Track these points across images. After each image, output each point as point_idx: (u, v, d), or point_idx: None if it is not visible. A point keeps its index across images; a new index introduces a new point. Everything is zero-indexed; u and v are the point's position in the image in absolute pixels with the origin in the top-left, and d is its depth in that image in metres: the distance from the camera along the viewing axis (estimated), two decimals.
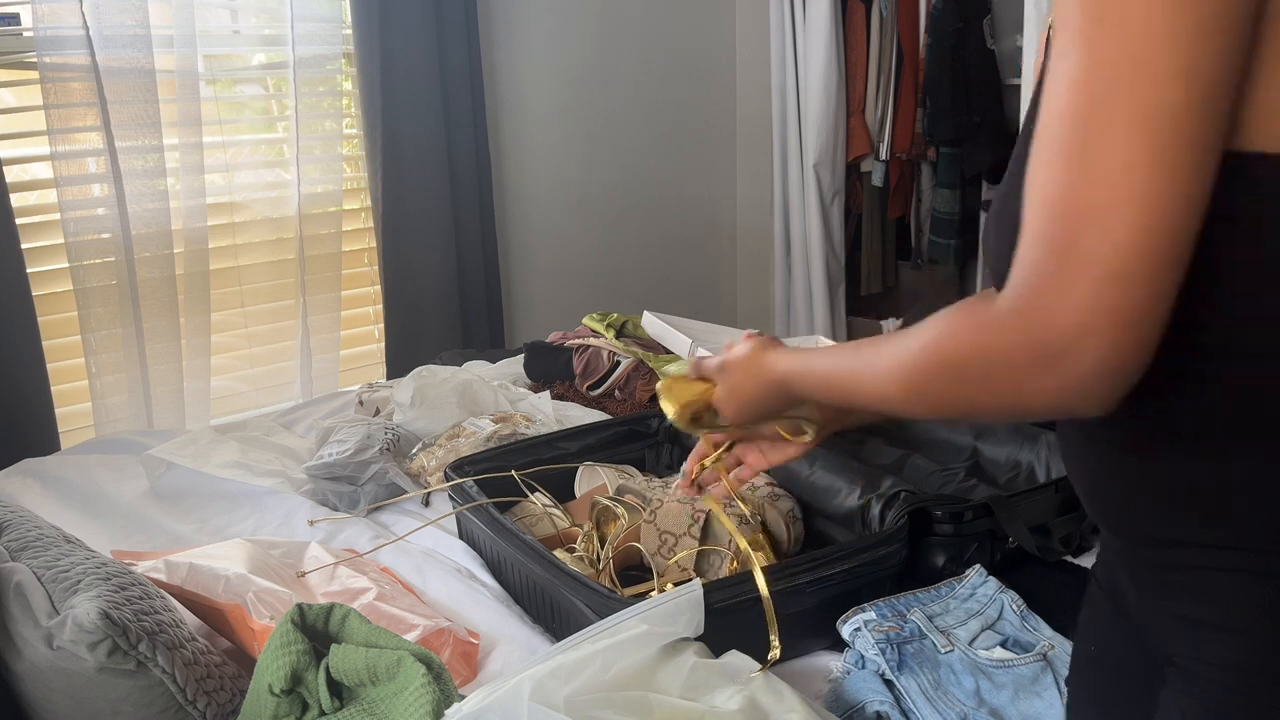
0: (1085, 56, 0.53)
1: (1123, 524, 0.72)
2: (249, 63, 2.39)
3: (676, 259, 3.09)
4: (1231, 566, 0.66)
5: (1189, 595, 0.69)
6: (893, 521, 1.18)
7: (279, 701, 0.92)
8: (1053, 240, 0.54)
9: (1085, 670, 0.86)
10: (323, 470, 1.52)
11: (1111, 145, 0.52)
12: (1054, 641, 1.07)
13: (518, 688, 0.84)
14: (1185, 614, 0.69)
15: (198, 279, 2.24)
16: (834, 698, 1.03)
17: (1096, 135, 0.53)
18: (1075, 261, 0.53)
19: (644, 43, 2.91)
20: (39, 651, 0.93)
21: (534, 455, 1.44)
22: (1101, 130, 0.52)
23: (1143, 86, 0.52)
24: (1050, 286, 0.54)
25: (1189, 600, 0.69)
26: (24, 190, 2.10)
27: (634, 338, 1.98)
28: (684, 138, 3.03)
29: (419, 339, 2.54)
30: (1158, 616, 0.72)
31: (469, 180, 2.57)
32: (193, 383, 2.28)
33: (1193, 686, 0.69)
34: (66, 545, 1.07)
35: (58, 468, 1.67)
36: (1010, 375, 0.57)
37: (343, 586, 1.19)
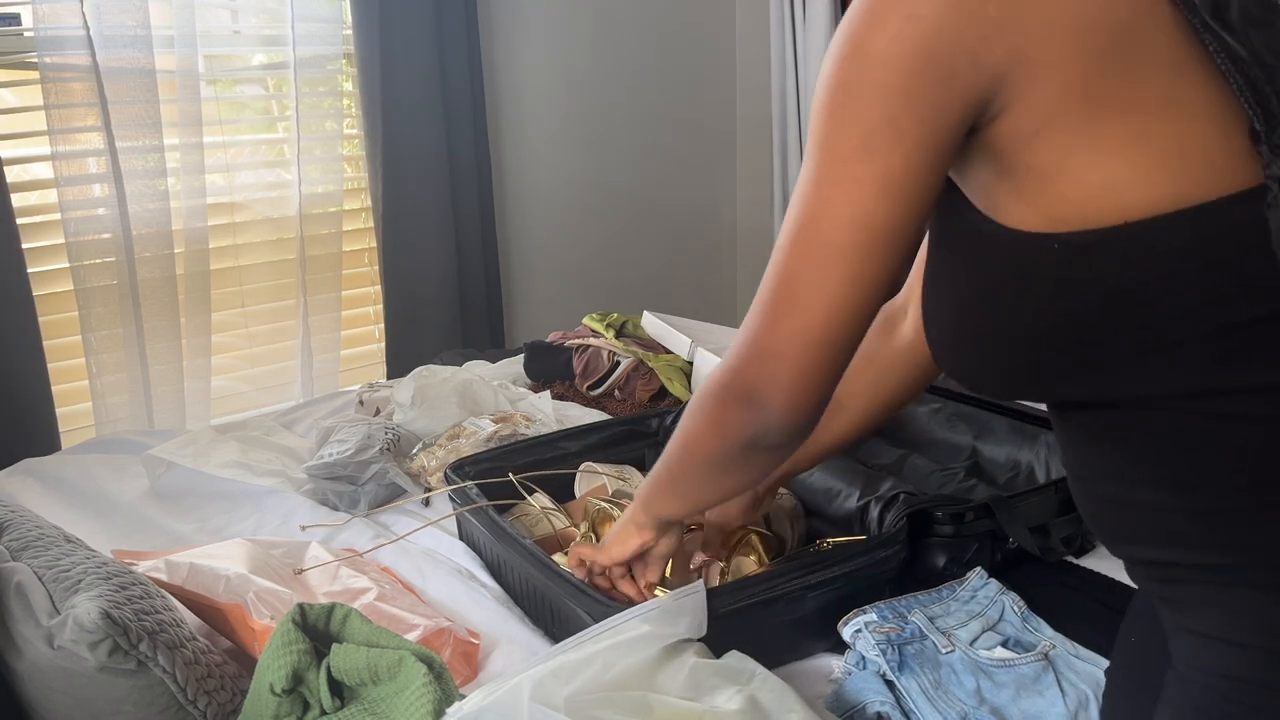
0: (803, 179, 0.68)
1: (1120, 549, 0.76)
2: (249, 63, 2.39)
3: (676, 259, 3.09)
4: (1224, 582, 0.69)
5: (1187, 608, 0.72)
6: (892, 523, 1.18)
7: (280, 701, 0.92)
8: (751, 322, 0.74)
9: (1118, 655, 0.93)
10: (323, 470, 1.52)
11: (796, 263, 0.69)
12: (1055, 642, 1.07)
13: (518, 688, 0.84)
14: (1183, 623, 0.72)
15: (198, 279, 2.24)
16: (835, 698, 1.03)
17: (787, 250, 0.70)
18: (764, 340, 0.73)
19: (644, 42, 2.91)
20: (40, 651, 0.93)
21: (534, 455, 1.44)
22: (790, 249, 0.69)
23: (827, 228, 0.67)
24: (749, 355, 0.74)
25: (1187, 612, 0.72)
26: (24, 190, 2.10)
27: (634, 338, 1.98)
28: (684, 138, 3.03)
29: (419, 339, 2.54)
30: (1164, 620, 0.74)
31: (469, 180, 2.57)
32: (193, 383, 2.28)
33: (1189, 692, 0.71)
34: (67, 545, 1.07)
35: (58, 468, 1.67)
36: (716, 414, 0.80)
37: (343, 586, 1.19)
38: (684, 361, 1.89)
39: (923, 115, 0.64)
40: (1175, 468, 0.69)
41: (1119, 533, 0.75)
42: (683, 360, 1.89)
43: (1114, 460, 0.72)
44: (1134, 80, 0.63)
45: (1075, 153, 0.63)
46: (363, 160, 2.47)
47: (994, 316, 0.69)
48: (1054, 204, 0.64)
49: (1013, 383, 0.74)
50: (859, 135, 0.65)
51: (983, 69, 0.63)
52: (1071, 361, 0.68)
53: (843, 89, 0.65)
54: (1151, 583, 0.75)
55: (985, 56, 0.62)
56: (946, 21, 0.62)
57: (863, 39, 0.64)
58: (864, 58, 0.64)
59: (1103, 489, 0.74)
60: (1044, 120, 0.63)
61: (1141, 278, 0.63)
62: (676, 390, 1.83)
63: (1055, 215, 0.64)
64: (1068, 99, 0.63)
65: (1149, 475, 0.70)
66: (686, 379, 1.86)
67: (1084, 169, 0.63)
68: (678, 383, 1.85)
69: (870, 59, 0.64)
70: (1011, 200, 0.66)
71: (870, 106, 0.64)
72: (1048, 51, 0.62)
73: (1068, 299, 0.65)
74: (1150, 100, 0.63)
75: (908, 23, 0.63)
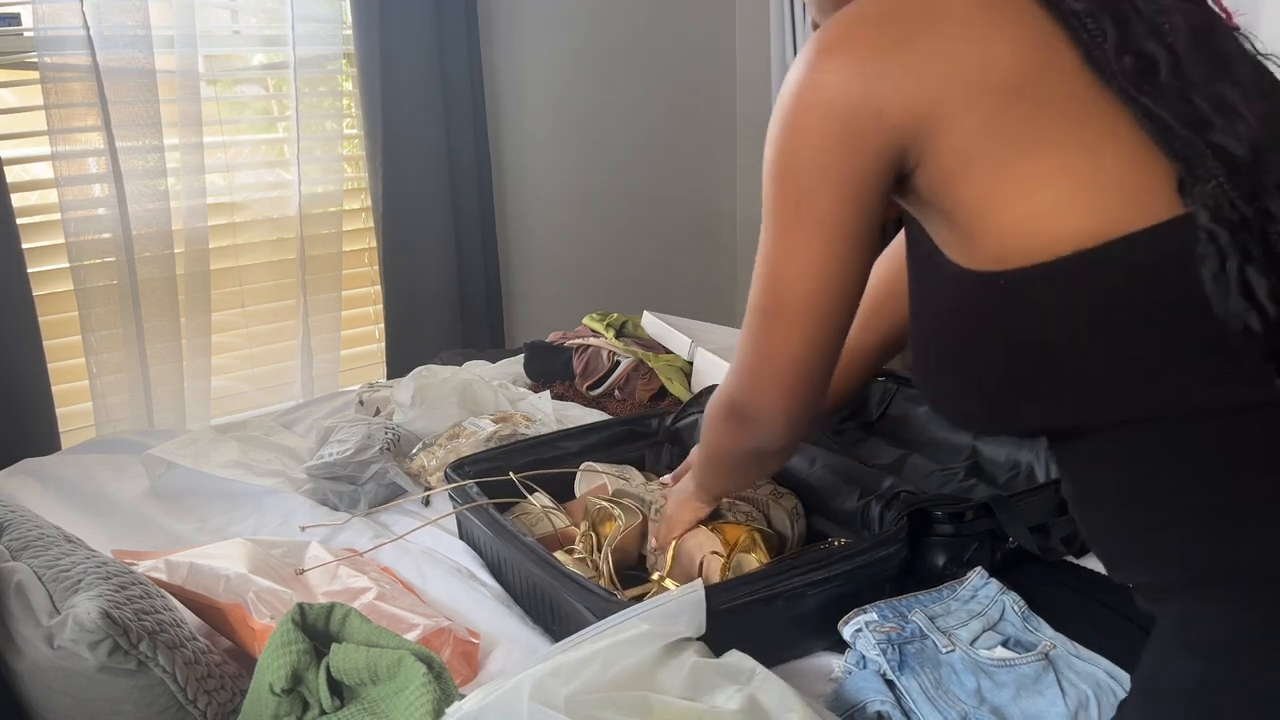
0: (760, 243, 0.77)
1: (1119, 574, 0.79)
2: (249, 63, 2.39)
3: (676, 259, 3.09)
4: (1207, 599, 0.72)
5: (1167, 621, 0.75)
6: (892, 522, 1.18)
7: (280, 701, 0.92)
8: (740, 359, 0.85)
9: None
10: (323, 470, 1.52)
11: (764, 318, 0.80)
12: (1055, 641, 1.07)
13: (518, 687, 0.84)
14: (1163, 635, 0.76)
15: (198, 279, 2.24)
16: (835, 698, 1.03)
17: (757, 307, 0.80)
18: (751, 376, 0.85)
19: (644, 42, 2.91)
20: (40, 651, 0.93)
21: (534, 455, 1.44)
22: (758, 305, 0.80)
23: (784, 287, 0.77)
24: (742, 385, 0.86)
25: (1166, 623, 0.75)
26: (24, 190, 2.10)
27: (634, 338, 1.98)
28: (684, 137, 3.03)
29: (419, 339, 2.54)
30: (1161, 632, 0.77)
31: (469, 180, 2.57)
32: (193, 383, 2.28)
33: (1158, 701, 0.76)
34: (67, 545, 1.07)
35: (58, 468, 1.67)
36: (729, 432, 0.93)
37: (343, 586, 1.19)
38: (684, 361, 1.89)
39: (843, 175, 0.71)
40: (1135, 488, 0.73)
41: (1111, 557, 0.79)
42: (683, 360, 1.89)
43: (1089, 485, 0.77)
44: (1044, 121, 0.67)
45: (995, 194, 0.68)
46: (363, 160, 2.46)
47: (962, 350, 0.74)
48: (990, 244, 0.69)
49: (989, 415, 0.79)
50: (794, 204, 0.73)
51: (891, 127, 0.69)
52: (1032, 392, 0.72)
53: (776, 161, 0.73)
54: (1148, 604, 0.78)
55: (891, 116, 0.68)
56: (853, 88, 0.68)
57: (786, 113, 0.71)
58: (789, 129, 0.72)
59: (1087, 514, 0.79)
60: (958, 167, 0.69)
61: (1079, 309, 0.67)
62: (676, 390, 1.83)
63: (994, 254, 0.69)
64: (977, 145, 0.68)
65: (1115, 496, 0.75)
66: (686, 379, 1.86)
67: (1005, 210, 0.68)
68: (678, 383, 1.85)
69: (794, 130, 0.71)
70: (957, 241, 0.71)
71: (800, 173, 0.72)
72: (952, 104, 0.67)
73: (1018, 332, 0.70)
74: (1063, 139, 0.67)
75: (820, 93, 0.69)
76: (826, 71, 0.69)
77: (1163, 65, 0.67)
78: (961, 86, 0.67)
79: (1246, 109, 0.67)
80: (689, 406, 1.53)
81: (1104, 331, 0.68)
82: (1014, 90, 0.67)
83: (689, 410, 1.52)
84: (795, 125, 0.71)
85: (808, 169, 0.71)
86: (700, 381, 1.81)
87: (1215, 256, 0.64)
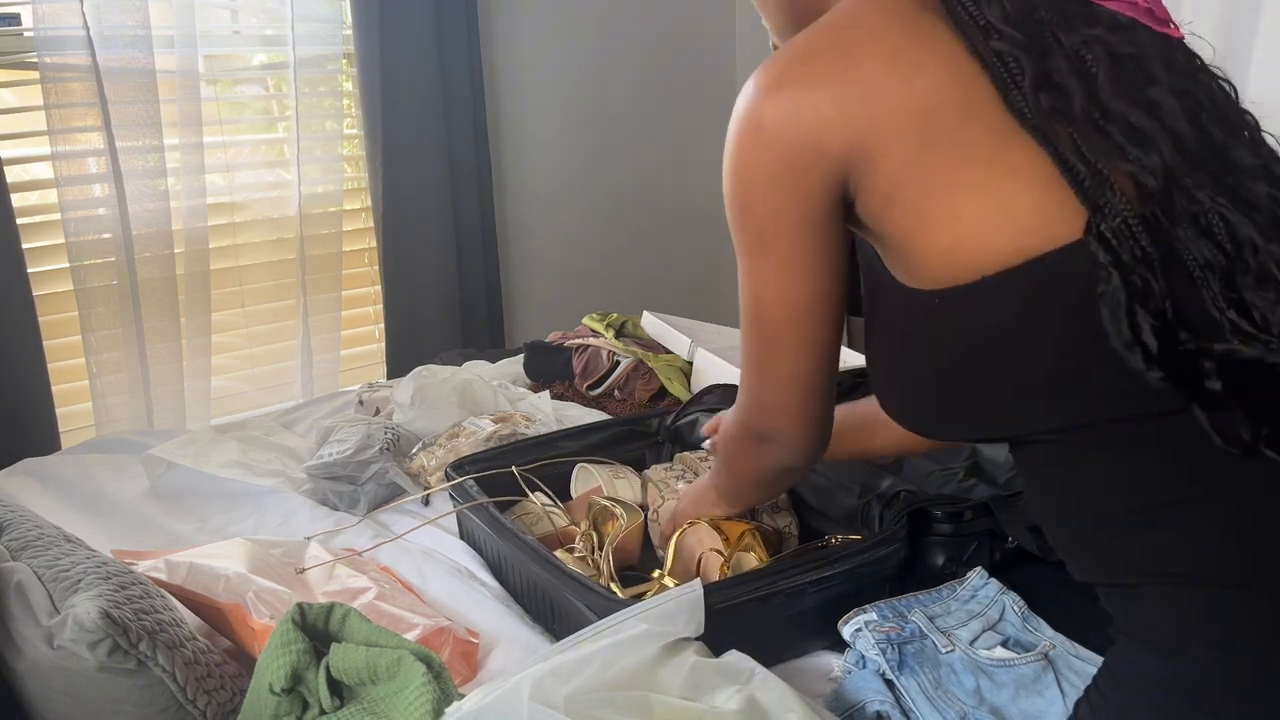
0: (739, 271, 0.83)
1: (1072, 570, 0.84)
2: (249, 63, 2.39)
3: (676, 259, 3.09)
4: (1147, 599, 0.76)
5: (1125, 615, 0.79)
6: (892, 522, 1.18)
7: (279, 700, 0.92)
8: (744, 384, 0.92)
9: None
10: (323, 470, 1.52)
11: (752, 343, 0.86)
12: (1055, 641, 1.07)
13: (518, 687, 0.84)
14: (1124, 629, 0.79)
15: (198, 279, 2.24)
16: (834, 697, 1.03)
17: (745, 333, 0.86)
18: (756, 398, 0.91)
19: (644, 42, 2.91)
20: (39, 650, 0.93)
21: (534, 455, 1.44)
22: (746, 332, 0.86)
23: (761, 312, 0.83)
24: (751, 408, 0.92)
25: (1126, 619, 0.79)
26: (24, 190, 2.10)
27: (634, 338, 1.98)
28: (684, 137, 3.03)
29: (419, 339, 2.54)
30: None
31: (469, 180, 2.58)
32: (193, 383, 2.28)
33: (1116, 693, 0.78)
34: (67, 545, 1.07)
35: (58, 468, 1.67)
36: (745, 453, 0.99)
37: (343, 586, 1.19)
38: (684, 361, 1.89)
39: (793, 205, 0.76)
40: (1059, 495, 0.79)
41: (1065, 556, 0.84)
42: (683, 360, 1.89)
43: (1036, 489, 0.83)
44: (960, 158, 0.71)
45: (919, 225, 0.73)
46: (363, 160, 2.47)
47: (906, 362, 0.79)
48: (924, 267, 0.73)
49: (933, 421, 0.83)
50: (755, 234, 0.79)
51: (829, 159, 0.73)
52: (967, 402, 0.77)
53: (733, 200, 0.78)
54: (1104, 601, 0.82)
55: (828, 149, 0.73)
56: (789, 126, 0.73)
57: (734, 155, 0.77)
58: (739, 169, 0.77)
59: (1040, 516, 0.85)
60: (889, 196, 0.73)
61: (1000, 326, 0.72)
62: (676, 390, 1.83)
63: (928, 275, 0.73)
64: (901, 180, 0.72)
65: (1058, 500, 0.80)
66: (686, 379, 1.86)
67: (930, 238, 0.72)
68: (677, 383, 1.85)
69: (744, 169, 0.77)
70: (898, 263, 0.76)
71: (755, 208, 0.77)
72: (881, 138, 0.72)
73: (952, 347, 0.75)
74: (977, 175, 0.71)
75: (760, 132, 0.75)
76: (765, 111, 0.74)
77: (1077, 99, 0.70)
78: (886, 123, 0.72)
79: (1163, 137, 0.70)
80: (689, 406, 1.54)
81: (1026, 347, 0.72)
82: (932, 128, 0.71)
83: (689, 410, 1.52)
84: (742, 165, 0.76)
85: (761, 207, 0.77)
86: (700, 381, 1.81)
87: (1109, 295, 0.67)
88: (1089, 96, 0.70)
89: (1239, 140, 0.74)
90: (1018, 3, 0.72)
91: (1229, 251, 0.68)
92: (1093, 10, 0.74)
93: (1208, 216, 0.69)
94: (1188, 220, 0.69)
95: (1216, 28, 1.92)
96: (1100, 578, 0.80)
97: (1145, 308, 0.67)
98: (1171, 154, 0.70)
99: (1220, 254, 0.68)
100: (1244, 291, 0.68)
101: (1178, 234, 0.69)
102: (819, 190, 0.75)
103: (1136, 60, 0.73)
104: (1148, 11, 0.75)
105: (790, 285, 0.80)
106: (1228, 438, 0.68)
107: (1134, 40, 0.74)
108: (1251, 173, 0.72)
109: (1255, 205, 0.70)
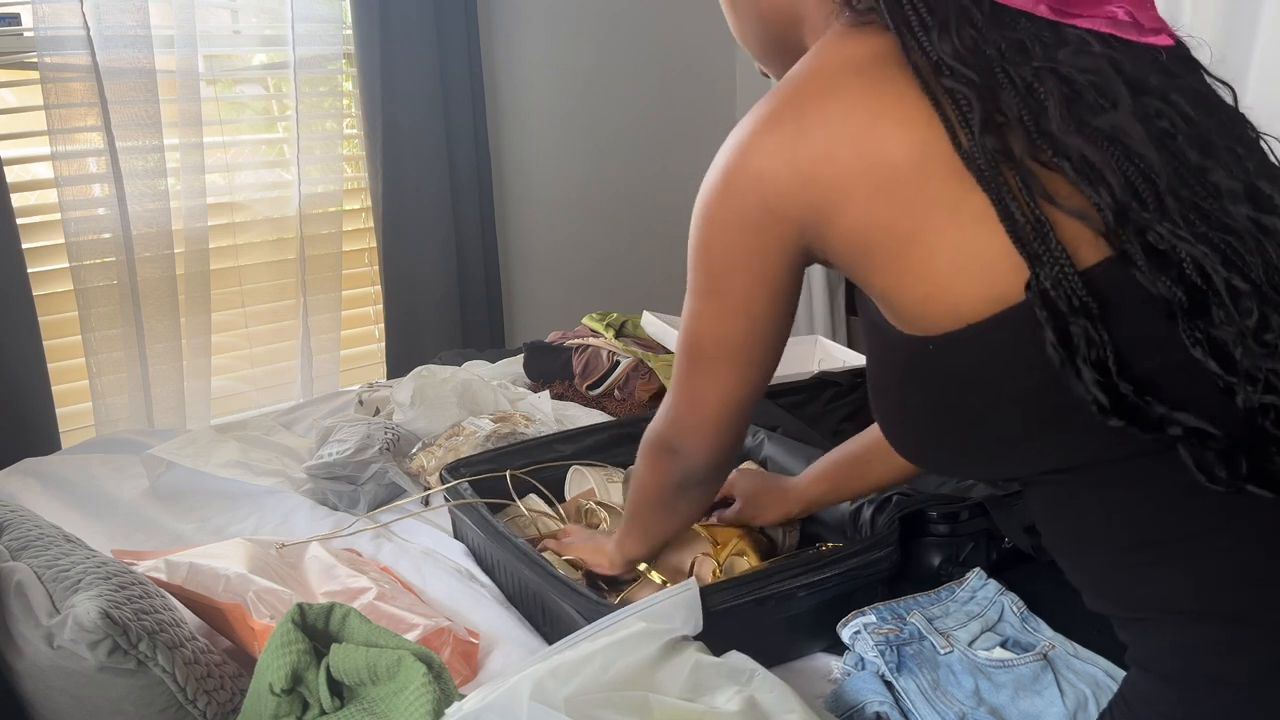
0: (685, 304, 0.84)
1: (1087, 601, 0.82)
2: (249, 63, 2.39)
3: (677, 259, 3.05)
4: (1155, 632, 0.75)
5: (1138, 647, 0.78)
6: (885, 525, 1.18)
7: (279, 701, 0.92)
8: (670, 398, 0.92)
9: None
10: (323, 470, 1.52)
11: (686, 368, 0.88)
12: (1055, 642, 1.08)
13: (517, 687, 0.84)
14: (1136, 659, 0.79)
15: (198, 279, 2.24)
16: (834, 699, 1.04)
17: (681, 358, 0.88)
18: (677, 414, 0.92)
19: (644, 43, 2.91)
20: (39, 650, 0.93)
21: (531, 457, 1.44)
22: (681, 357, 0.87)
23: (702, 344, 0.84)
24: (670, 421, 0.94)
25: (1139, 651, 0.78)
26: (24, 190, 2.10)
27: (634, 338, 1.98)
28: (684, 137, 3.03)
29: (419, 339, 2.54)
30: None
31: (469, 180, 2.58)
32: (193, 382, 2.28)
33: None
34: (67, 544, 1.07)
35: (58, 467, 1.67)
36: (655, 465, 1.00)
37: (343, 586, 1.19)
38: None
39: (750, 260, 0.77)
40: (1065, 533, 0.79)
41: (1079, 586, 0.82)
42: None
43: (1045, 527, 0.82)
44: (925, 203, 0.69)
45: (894, 281, 0.72)
46: (363, 160, 2.47)
47: (905, 402, 0.78)
48: (907, 316, 0.73)
49: (941, 461, 0.83)
50: (710, 278, 0.80)
51: (788, 220, 0.74)
52: (969, 444, 0.77)
53: (696, 245, 0.80)
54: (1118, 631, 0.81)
55: (785, 213, 0.73)
56: (752, 186, 0.74)
57: (703, 200, 0.77)
58: (706, 220, 0.78)
59: (1053, 552, 0.83)
60: (859, 250, 0.73)
61: (985, 373, 0.71)
62: None
63: (913, 323, 0.72)
64: (868, 231, 0.71)
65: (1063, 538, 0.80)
66: None
67: (907, 292, 0.72)
68: None
69: (710, 220, 0.78)
70: (884, 309, 0.75)
71: (715, 258, 0.79)
72: (838, 197, 0.71)
73: (944, 391, 0.74)
74: (945, 216, 0.69)
75: (727, 187, 0.75)
76: (733, 168, 0.75)
77: (1019, 141, 0.68)
78: (843, 182, 0.71)
79: (1118, 169, 0.67)
80: None
81: (1006, 392, 0.71)
82: (891, 182, 0.70)
83: None
84: (710, 215, 0.77)
85: (721, 255, 0.78)
86: None
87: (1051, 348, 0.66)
88: (1038, 133, 0.68)
89: (1217, 161, 0.70)
90: (969, 37, 0.70)
91: (1197, 285, 0.66)
92: (1061, 33, 0.71)
93: (1174, 250, 0.66)
94: (1145, 257, 0.66)
95: (1215, 31, 1.92)
96: (1112, 610, 0.79)
97: (1087, 359, 0.65)
98: (1128, 186, 0.67)
99: (1182, 289, 0.65)
100: (1213, 328, 0.66)
101: (1133, 273, 0.66)
102: (776, 249, 0.76)
103: (1098, 87, 0.70)
104: (1131, 23, 0.73)
105: (733, 328, 0.82)
106: (1210, 476, 0.66)
107: (1098, 64, 0.71)
108: (1231, 195, 0.69)
109: (1231, 230, 0.67)
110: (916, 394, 0.76)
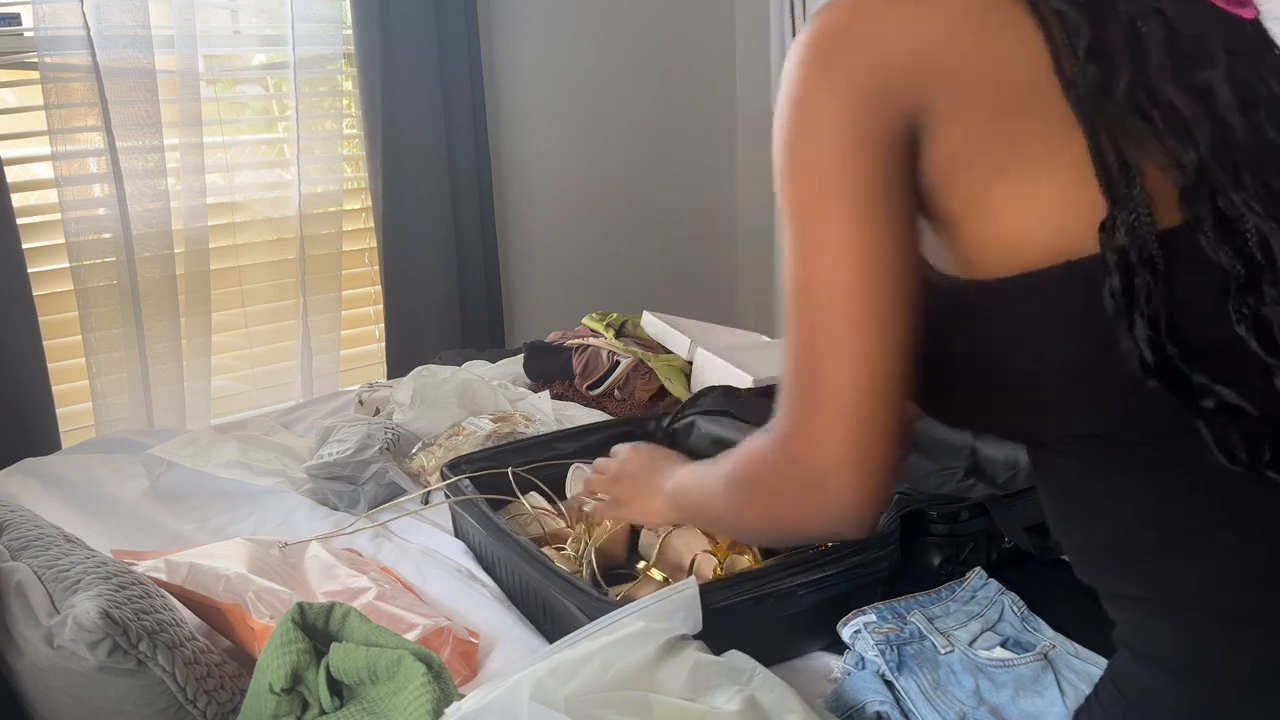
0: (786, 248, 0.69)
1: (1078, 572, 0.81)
2: (249, 63, 2.39)
3: (677, 259, 3.09)
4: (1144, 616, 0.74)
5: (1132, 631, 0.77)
6: (885, 524, 1.18)
7: (279, 700, 0.92)
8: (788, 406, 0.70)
9: None
10: (323, 470, 1.52)
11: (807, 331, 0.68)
12: (1055, 641, 1.08)
13: (517, 687, 0.84)
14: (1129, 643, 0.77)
15: (198, 279, 2.24)
16: (834, 698, 1.04)
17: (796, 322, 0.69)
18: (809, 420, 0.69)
19: (644, 43, 2.91)
20: (39, 650, 0.93)
21: (531, 456, 1.44)
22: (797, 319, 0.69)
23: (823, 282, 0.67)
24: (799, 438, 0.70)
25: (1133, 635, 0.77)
26: (25, 190, 2.10)
27: (634, 337, 1.99)
28: (684, 137, 3.03)
29: (419, 339, 2.54)
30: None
31: (469, 180, 2.58)
32: (193, 382, 2.28)
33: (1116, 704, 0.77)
34: (67, 544, 1.07)
35: (58, 467, 1.67)
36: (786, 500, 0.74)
37: (342, 586, 1.19)
38: (684, 361, 1.89)
39: (861, 144, 0.66)
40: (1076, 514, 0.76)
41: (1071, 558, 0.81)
42: (682, 360, 1.90)
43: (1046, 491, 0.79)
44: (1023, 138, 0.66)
45: (969, 211, 0.68)
46: (363, 160, 2.47)
47: (937, 350, 0.72)
48: (966, 253, 0.69)
49: (961, 412, 0.78)
50: (816, 178, 0.67)
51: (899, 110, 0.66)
52: (995, 398, 0.73)
53: (788, 146, 0.68)
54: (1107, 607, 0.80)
55: (897, 100, 0.66)
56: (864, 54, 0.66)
57: (794, 96, 0.68)
58: (799, 111, 0.68)
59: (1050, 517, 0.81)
60: (949, 169, 0.67)
61: (1034, 326, 0.68)
62: (676, 390, 1.83)
63: (969, 263, 0.69)
64: (967, 151, 0.67)
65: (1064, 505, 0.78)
66: (686, 379, 1.86)
67: (978, 227, 0.68)
68: (677, 383, 1.85)
69: (804, 110, 0.67)
70: (940, 247, 0.71)
71: (817, 150, 0.67)
72: (950, 104, 0.66)
73: (982, 340, 0.70)
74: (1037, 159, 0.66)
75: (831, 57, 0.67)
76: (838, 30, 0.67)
77: (1122, 78, 0.65)
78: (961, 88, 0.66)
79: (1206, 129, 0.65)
80: (686, 408, 1.53)
81: (1055, 348, 0.68)
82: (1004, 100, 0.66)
83: (685, 412, 1.52)
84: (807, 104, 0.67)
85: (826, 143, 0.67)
86: (700, 381, 1.82)
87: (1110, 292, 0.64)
88: (1137, 74, 0.65)
89: None
90: None
91: (1257, 260, 0.64)
92: None
93: (1241, 221, 0.64)
94: (1214, 223, 0.64)
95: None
96: (1103, 584, 0.78)
97: (1144, 314, 0.63)
98: (1211, 148, 0.65)
99: (1241, 262, 0.64)
100: (1263, 306, 0.64)
101: (1200, 238, 0.65)
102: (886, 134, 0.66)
103: (1196, 40, 0.67)
104: None
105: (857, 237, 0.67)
106: (1230, 456, 0.65)
107: (1197, 17, 0.68)
108: None
109: None
110: (945, 340, 0.71)
